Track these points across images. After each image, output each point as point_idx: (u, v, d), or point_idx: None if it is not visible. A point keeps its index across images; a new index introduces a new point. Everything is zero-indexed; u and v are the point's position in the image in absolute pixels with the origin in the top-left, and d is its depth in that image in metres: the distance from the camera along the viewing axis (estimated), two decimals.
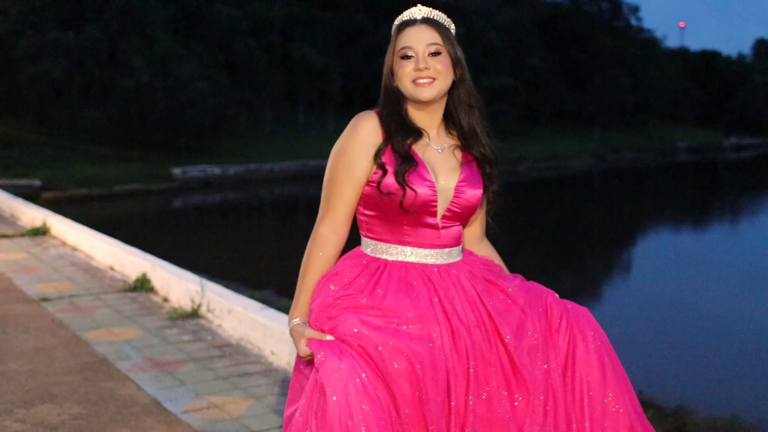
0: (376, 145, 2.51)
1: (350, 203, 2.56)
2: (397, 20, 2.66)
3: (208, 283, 6.96)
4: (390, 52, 2.65)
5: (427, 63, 2.52)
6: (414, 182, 2.45)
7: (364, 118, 2.57)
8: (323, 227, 2.59)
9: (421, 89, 2.52)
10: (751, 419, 8.38)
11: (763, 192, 40.22)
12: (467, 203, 2.56)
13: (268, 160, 38.82)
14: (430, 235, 2.52)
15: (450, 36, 2.58)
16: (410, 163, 2.47)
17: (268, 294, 12.38)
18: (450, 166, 2.57)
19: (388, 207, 2.49)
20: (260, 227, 25.15)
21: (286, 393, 5.00)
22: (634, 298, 15.45)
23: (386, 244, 2.54)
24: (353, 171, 2.51)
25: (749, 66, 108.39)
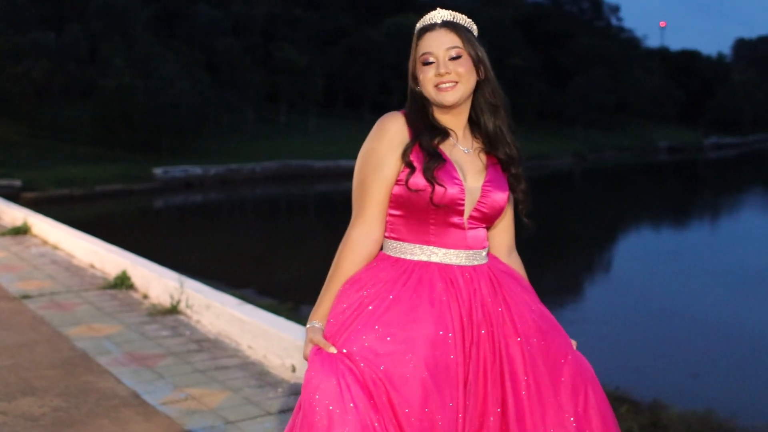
0: (404, 143, 2.50)
1: (381, 203, 2.52)
2: (418, 25, 2.63)
3: (187, 279, 7.09)
4: (412, 58, 2.62)
5: (448, 67, 2.51)
6: (442, 179, 2.45)
7: (391, 118, 2.56)
8: (355, 230, 2.54)
9: (444, 94, 2.52)
10: (725, 413, 8.51)
11: (742, 191, 40.53)
12: (494, 204, 2.56)
13: (250, 159, 38.82)
14: (456, 236, 2.51)
15: (470, 37, 2.56)
16: (438, 160, 2.47)
17: (249, 293, 12.48)
18: (476, 168, 2.58)
19: (416, 205, 2.47)
20: (242, 227, 25.21)
21: (262, 385, 5.15)
22: (613, 296, 15.60)
23: (410, 244, 2.52)
24: (382, 170, 2.50)
25: (729, 65, 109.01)
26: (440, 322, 2.37)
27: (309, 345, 2.40)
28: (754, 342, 11.83)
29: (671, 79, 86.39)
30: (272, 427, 4.46)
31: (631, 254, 21.15)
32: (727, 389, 9.85)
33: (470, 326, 2.42)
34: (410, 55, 2.62)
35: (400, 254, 2.52)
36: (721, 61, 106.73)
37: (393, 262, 2.51)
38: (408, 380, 2.27)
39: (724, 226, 27.53)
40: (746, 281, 16.20)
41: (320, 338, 2.38)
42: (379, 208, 2.52)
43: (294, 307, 11.34)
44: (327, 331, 2.41)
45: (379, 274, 2.48)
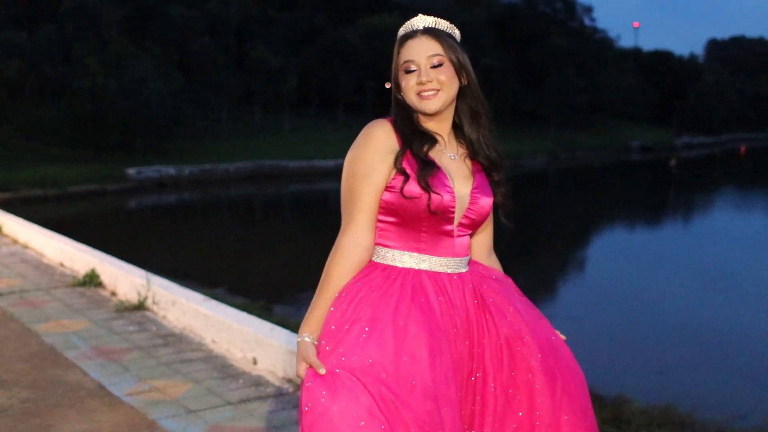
0: (393, 150, 2.47)
1: (371, 210, 2.47)
2: (400, 32, 2.60)
3: (154, 276, 7.27)
4: (394, 65, 2.58)
5: (430, 75, 2.49)
6: (436, 187, 2.42)
7: (378, 125, 2.51)
8: (345, 238, 2.46)
9: (426, 102, 2.50)
10: (686, 407, 8.70)
11: (713, 190, 40.97)
12: (481, 210, 2.56)
13: (224, 160, 38.89)
14: (446, 243, 2.50)
15: (452, 44, 2.53)
16: (432, 167, 2.44)
17: (221, 292, 12.58)
18: (463, 174, 2.57)
19: (409, 213, 2.44)
20: (215, 227, 25.30)
21: (224, 377, 5.34)
22: (584, 293, 15.80)
23: (400, 252, 2.49)
24: (371, 177, 2.45)
25: (701, 66, 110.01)
26: (437, 331, 2.35)
27: (303, 363, 2.31)
28: (720, 338, 12.03)
29: (644, 79, 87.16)
30: (232, 416, 4.64)
31: (602, 252, 21.42)
32: (690, 384, 10.06)
33: (461, 335, 2.43)
34: (392, 62, 2.60)
35: (390, 262, 2.49)
36: (693, 62, 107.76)
37: (383, 269, 2.48)
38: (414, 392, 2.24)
39: (695, 224, 27.86)
40: (715, 279, 16.42)
41: (315, 359, 2.28)
42: (369, 216, 2.47)
43: (266, 306, 11.46)
44: (322, 347, 2.32)
45: (370, 283, 2.43)
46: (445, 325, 2.39)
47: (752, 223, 27.14)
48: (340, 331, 2.32)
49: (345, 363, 2.24)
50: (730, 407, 8.66)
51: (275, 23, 59.51)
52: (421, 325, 2.33)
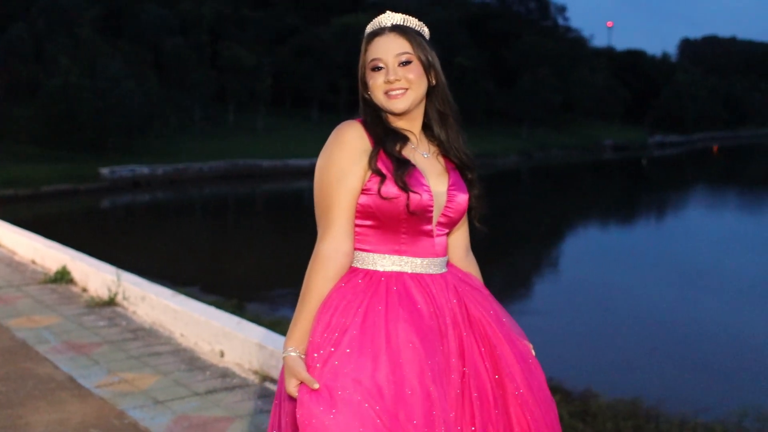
0: (366, 151, 2.39)
1: (349, 215, 2.39)
2: (367, 29, 2.54)
3: (124, 273, 7.39)
4: (361, 63, 2.52)
5: (398, 74, 2.43)
6: (413, 186, 2.37)
7: (348, 126, 2.44)
8: (324, 244, 2.38)
9: (394, 101, 2.44)
10: (652, 401, 8.87)
11: (686, 189, 41.35)
12: (459, 207, 2.51)
13: (198, 159, 38.86)
14: (425, 244, 2.45)
15: (421, 42, 2.48)
16: (408, 165, 2.39)
17: (194, 291, 12.69)
18: (437, 171, 2.51)
19: (387, 214, 2.38)
20: (189, 226, 25.34)
21: (192, 369, 5.47)
22: (555, 290, 15.99)
23: (380, 255, 2.43)
24: (346, 180, 2.37)
25: (674, 65, 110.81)
26: (429, 334, 2.32)
27: (293, 380, 2.26)
28: (686, 333, 12.25)
29: (617, 79, 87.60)
30: (198, 406, 4.79)
31: (573, 250, 21.66)
32: (656, 378, 10.25)
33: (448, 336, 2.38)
34: (359, 60, 2.53)
35: (371, 266, 2.43)
36: (666, 61, 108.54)
37: (364, 275, 2.41)
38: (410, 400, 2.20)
39: (666, 222, 28.17)
40: (684, 276, 16.67)
41: (305, 374, 2.22)
42: (347, 221, 2.39)
43: (238, 305, 11.57)
44: (311, 360, 2.26)
45: (354, 290, 2.37)
46: (433, 327, 2.34)
47: (723, 221, 27.50)
48: (328, 342, 2.26)
49: (338, 375, 2.18)
50: (694, 400, 8.84)
51: (249, 22, 59.44)
52: (411, 329, 2.28)
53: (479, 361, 2.42)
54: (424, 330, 2.31)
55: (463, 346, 2.40)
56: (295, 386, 2.24)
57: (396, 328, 2.27)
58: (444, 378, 2.31)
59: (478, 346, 2.43)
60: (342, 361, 2.20)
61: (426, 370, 2.24)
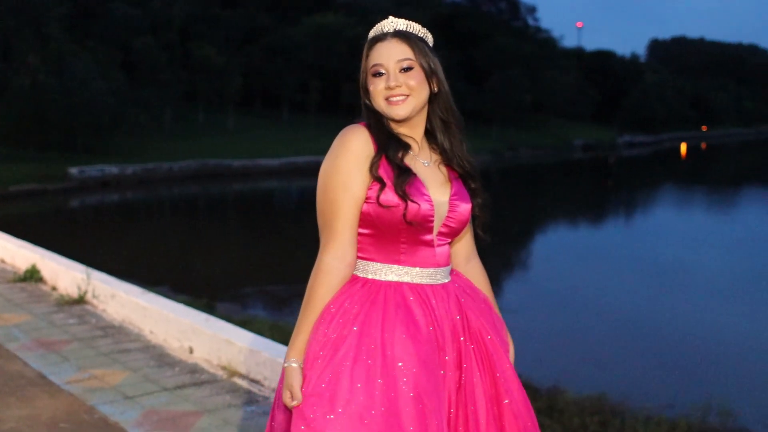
0: (370, 157, 2.35)
1: (353, 224, 2.35)
2: (370, 34, 2.49)
3: (94, 271, 7.44)
4: (362, 69, 2.48)
5: (399, 80, 2.39)
6: (413, 195, 2.32)
7: (354, 132, 2.38)
8: (328, 255, 2.33)
9: (395, 107, 2.40)
10: (618, 396, 9.00)
11: (654, 188, 41.71)
12: (461, 217, 2.46)
13: (168, 159, 38.75)
14: (426, 254, 2.40)
15: (423, 48, 2.45)
16: (409, 174, 2.34)
17: (164, 290, 12.72)
18: (439, 181, 2.46)
19: (386, 223, 2.33)
20: (159, 226, 25.30)
21: (161, 365, 5.54)
22: (526, 288, 16.11)
23: (380, 264, 2.39)
24: (352, 189, 2.32)
25: (643, 66, 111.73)
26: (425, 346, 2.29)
27: (287, 392, 2.27)
28: (652, 331, 12.40)
29: (587, 79, 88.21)
30: (167, 401, 4.86)
31: (544, 248, 21.83)
32: (622, 375, 10.40)
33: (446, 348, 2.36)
34: (360, 65, 2.48)
35: (371, 275, 2.39)
36: (635, 62, 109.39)
37: (363, 284, 2.37)
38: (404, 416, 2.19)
39: (634, 221, 28.42)
40: (652, 274, 16.86)
41: (298, 391, 2.24)
42: (352, 231, 2.35)
43: (208, 304, 11.62)
44: (309, 371, 2.25)
45: (352, 299, 2.34)
46: (431, 339, 2.31)
47: (690, 221, 27.78)
48: (325, 354, 2.25)
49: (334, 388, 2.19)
50: (659, 396, 9.00)
51: (219, 22, 59.31)
52: (408, 342, 2.26)
53: (477, 374, 2.40)
54: (421, 343, 2.28)
55: (461, 358, 2.39)
56: (289, 398, 2.25)
57: (392, 342, 2.25)
58: (440, 392, 2.29)
59: (477, 358, 2.41)
60: (337, 374, 2.20)
61: (422, 384, 2.22)
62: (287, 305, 13.52)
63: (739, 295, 14.90)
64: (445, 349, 2.34)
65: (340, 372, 2.20)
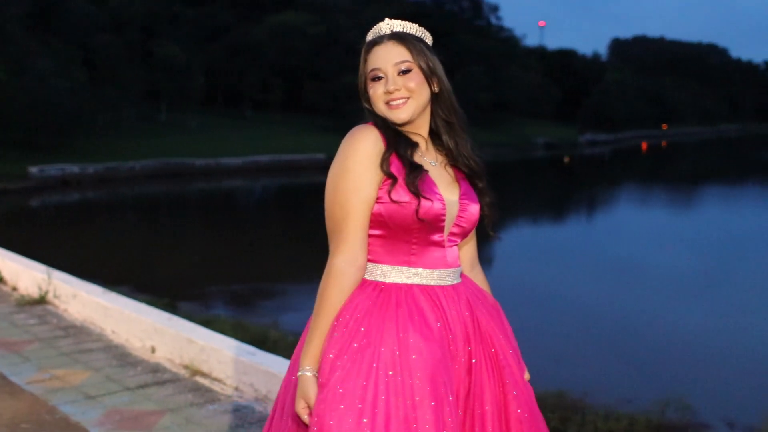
0: (381, 154, 2.30)
1: (365, 226, 2.30)
2: (367, 38, 2.48)
3: (55, 271, 7.42)
4: (361, 73, 2.45)
5: (397, 83, 2.36)
6: (425, 192, 2.29)
7: (364, 131, 2.33)
8: (339, 258, 2.28)
9: (396, 111, 2.36)
10: (577, 392, 9.10)
11: (615, 186, 42.07)
12: (472, 218, 2.44)
13: (129, 158, 38.45)
14: (436, 255, 2.36)
15: (421, 48, 2.43)
16: (421, 171, 2.31)
17: (126, 290, 12.66)
18: (447, 181, 2.44)
19: (398, 222, 2.28)
20: (120, 226, 25.15)
21: (123, 365, 5.54)
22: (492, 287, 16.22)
23: (389, 266, 2.34)
24: (364, 190, 2.28)
25: (604, 65, 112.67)
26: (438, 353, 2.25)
27: (302, 401, 2.23)
28: (613, 326, 12.53)
29: (549, 78, 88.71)
30: (130, 400, 4.88)
31: (503, 246, 21.93)
32: (582, 371, 10.49)
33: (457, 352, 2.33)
34: (359, 70, 2.46)
35: (380, 278, 2.35)
36: (596, 60, 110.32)
37: (374, 287, 2.33)
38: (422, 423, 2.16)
39: (596, 219, 28.67)
40: (611, 271, 17.03)
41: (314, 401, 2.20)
42: (363, 233, 2.30)
43: (170, 303, 11.58)
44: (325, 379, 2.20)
45: (364, 303, 2.29)
46: (443, 343, 2.27)
47: (648, 218, 28.07)
48: (343, 362, 2.20)
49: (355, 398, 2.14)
50: (619, 392, 9.09)
51: (181, 20, 59.03)
52: (424, 349, 2.22)
53: (486, 377, 2.36)
54: (436, 348, 2.24)
55: (471, 362, 2.35)
56: (303, 408, 2.21)
57: (409, 348, 2.21)
58: (455, 398, 2.27)
59: (486, 363, 2.38)
60: (358, 384, 2.16)
61: (440, 391, 2.20)
62: (249, 304, 13.53)
63: (697, 292, 15.10)
64: (455, 352, 2.32)
65: (361, 381, 2.16)
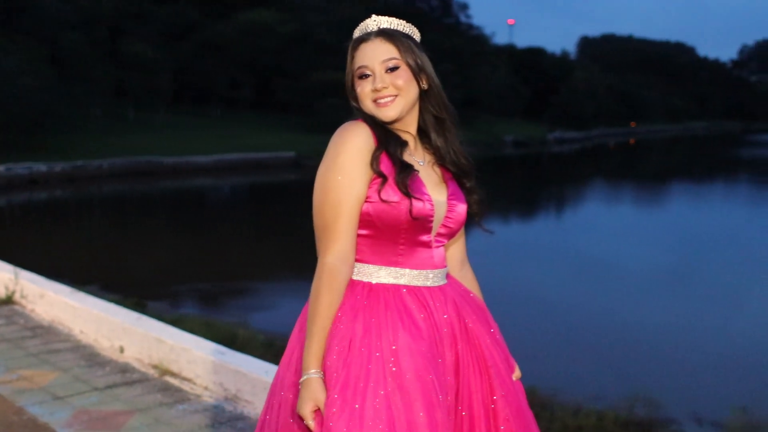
0: (371, 152, 2.27)
1: (355, 224, 2.27)
2: (354, 34, 2.45)
3: (22, 271, 7.36)
4: (348, 71, 2.42)
5: (385, 81, 2.33)
6: (415, 192, 2.27)
7: (354, 127, 2.31)
8: (331, 257, 2.24)
9: (384, 109, 2.34)
10: (547, 389, 9.15)
11: (583, 183, 42.30)
12: (459, 218, 2.42)
13: (97, 156, 38.14)
14: (423, 255, 2.34)
15: (409, 45, 2.40)
16: (411, 170, 2.29)
17: (94, 289, 12.59)
18: (434, 181, 2.41)
19: (386, 222, 2.25)
20: (88, 224, 24.99)
21: (91, 365, 5.52)
22: None
23: (375, 267, 2.31)
24: (356, 188, 2.24)
25: (573, 63, 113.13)
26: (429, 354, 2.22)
27: (311, 403, 2.16)
28: (581, 323, 12.59)
29: (518, 76, 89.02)
30: (98, 401, 4.86)
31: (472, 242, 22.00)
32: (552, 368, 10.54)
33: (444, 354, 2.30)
34: (346, 68, 2.43)
35: (365, 277, 2.32)
36: (565, 58, 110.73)
37: (362, 287, 2.30)
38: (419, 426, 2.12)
39: (565, 216, 28.82)
40: (579, 267, 17.11)
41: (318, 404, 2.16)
42: (354, 231, 2.27)
43: (139, 302, 11.53)
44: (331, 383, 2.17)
45: (353, 306, 2.26)
46: (432, 345, 2.25)
47: (618, 215, 28.26)
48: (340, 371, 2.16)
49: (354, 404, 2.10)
50: (587, 389, 9.15)
51: (150, 18, 58.67)
52: (416, 351, 2.19)
53: (473, 379, 2.34)
54: (425, 349, 2.21)
55: (458, 363, 2.33)
56: (311, 410, 2.15)
57: (401, 351, 2.18)
58: (446, 398, 2.24)
59: (474, 364, 2.36)
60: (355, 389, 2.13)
61: (433, 392, 2.17)
62: (219, 303, 13.49)
63: (665, 289, 15.21)
64: (443, 353, 2.29)
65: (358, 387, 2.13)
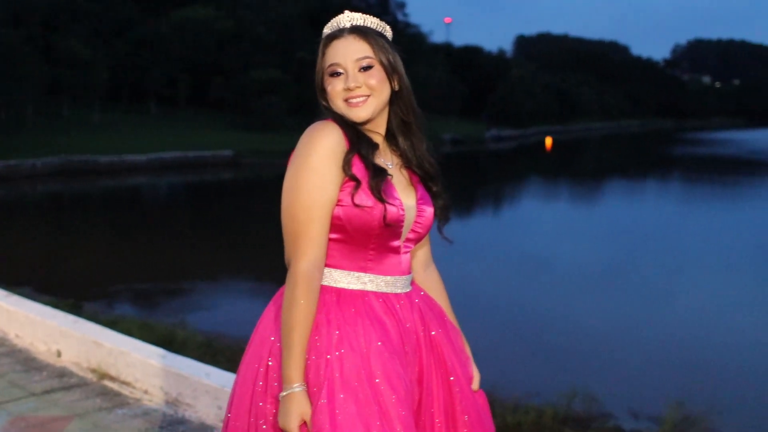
0: (343, 154, 2.19)
1: (327, 228, 2.19)
2: (325, 30, 2.36)
3: None
4: (318, 68, 2.33)
5: (358, 80, 2.25)
6: (388, 197, 2.20)
7: (325, 128, 2.21)
8: (305, 262, 2.15)
9: (355, 109, 2.25)
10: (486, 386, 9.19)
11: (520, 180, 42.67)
12: (428, 222, 2.36)
13: (30, 155, 37.54)
14: (392, 261, 2.28)
15: (382, 43, 2.32)
16: (384, 175, 2.22)
17: (27, 291, 12.39)
18: (403, 184, 2.34)
19: (357, 227, 2.18)
20: (21, 225, 24.58)
21: (27, 370, 5.43)
22: None
23: (344, 272, 2.24)
24: (327, 189, 2.16)
25: (509, 61, 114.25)
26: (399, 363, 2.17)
27: (297, 418, 2.08)
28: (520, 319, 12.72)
29: (455, 74, 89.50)
30: (35, 406, 4.79)
31: None
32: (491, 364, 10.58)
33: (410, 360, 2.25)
34: (316, 64, 2.34)
35: (332, 283, 2.24)
36: (502, 57, 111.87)
37: (330, 293, 2.22)
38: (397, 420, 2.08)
39: (501, 213, 29.04)
40: (517, 264, 17.28)
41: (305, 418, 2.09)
42: (326, 235, 2.19)
43: (75, 304, 11.38)
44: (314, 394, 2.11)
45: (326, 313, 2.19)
46: (400, 351, 2.20)
47: (554, 212, 28.56)
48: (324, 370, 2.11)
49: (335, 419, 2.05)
50: (526, 385, 9.24)
51: (84, 14, 57.90)
52: (387, 360, 2.14)
53: (435, 387, 2.30)
54: (396, 357, 2.16)
55: (422, 370, 2.28)
56: (298, 425, 2.08)
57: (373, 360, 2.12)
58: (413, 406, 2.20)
59: (436, 371, 2.31)
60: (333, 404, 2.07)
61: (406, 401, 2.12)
62: (156, 303, 13.38)
63: (601, 285, 15.42)
64: (410, 361, 2.25)
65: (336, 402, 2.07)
